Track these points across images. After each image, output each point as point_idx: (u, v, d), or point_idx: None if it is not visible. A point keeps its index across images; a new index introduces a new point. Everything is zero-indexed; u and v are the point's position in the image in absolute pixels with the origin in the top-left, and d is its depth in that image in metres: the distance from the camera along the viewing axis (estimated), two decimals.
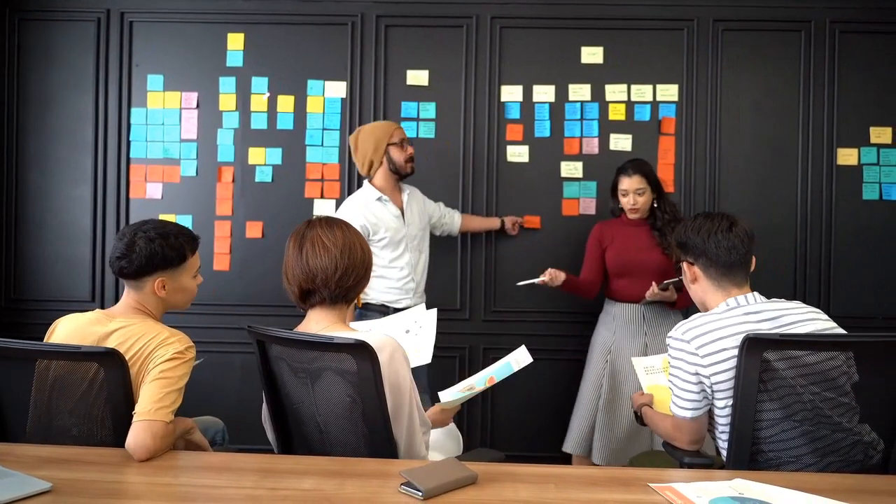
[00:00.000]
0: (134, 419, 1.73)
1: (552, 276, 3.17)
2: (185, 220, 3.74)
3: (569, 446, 3.27)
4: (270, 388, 1.87)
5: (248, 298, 3.75)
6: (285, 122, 3.76)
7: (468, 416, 3.72)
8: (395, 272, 3.17)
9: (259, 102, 3.76)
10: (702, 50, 3.70)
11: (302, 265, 1.81)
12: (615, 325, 3.22)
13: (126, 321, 1.96)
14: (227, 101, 3.77)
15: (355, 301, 1.91)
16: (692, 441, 1.95)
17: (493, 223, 3.65)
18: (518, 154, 3.72)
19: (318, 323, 1.83)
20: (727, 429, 1.86)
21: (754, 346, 1.76)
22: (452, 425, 2.44)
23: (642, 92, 3.70)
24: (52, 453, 1.70)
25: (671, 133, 3.70)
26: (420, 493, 1.42)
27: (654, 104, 3.69)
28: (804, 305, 1.97)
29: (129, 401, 1.80)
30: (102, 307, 3.27)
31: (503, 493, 1.48)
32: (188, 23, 3.78)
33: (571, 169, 3.70)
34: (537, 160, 3.71)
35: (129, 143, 3.79)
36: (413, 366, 2.36)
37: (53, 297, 3.80)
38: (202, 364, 3.73)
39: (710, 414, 1.94)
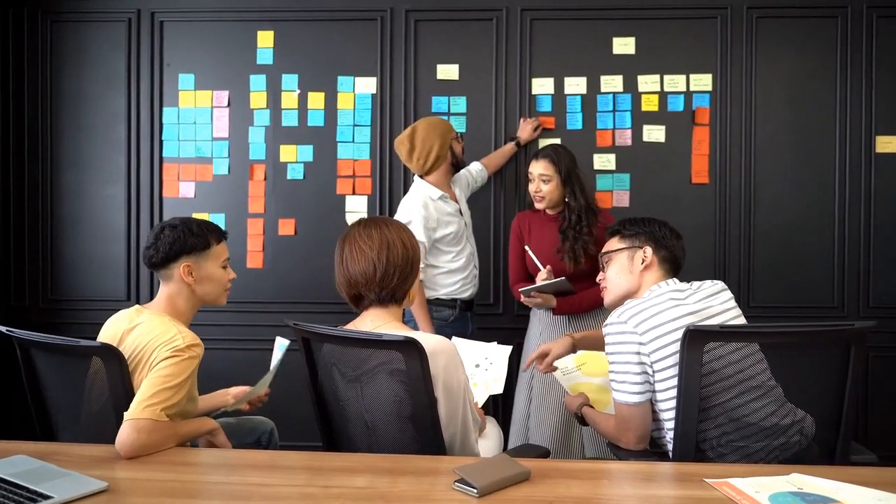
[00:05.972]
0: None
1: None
2: (218, 219, 3.75)
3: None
4: (316, 386, 1.87)
5: (282, 295, 3.75)
6: (316, 119, 3.76)
7: (503, 414, 3.70)
8: (461, 263, 3.15)
9: (290, 100, 3.77)
10: (735, 38, 3.64)
11: (344, 272, 1.81)
12: (541, 325, 3.06)
13: (149, 317, 1.99)
14: (258, 98, 3.77)
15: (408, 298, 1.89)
16: (639, 437, 1.92)
17: (509, 150, 3.61)
18: None
19: (374, 321, 1.81)
20: (671, 423, 1.84)
21: (696, 338, 1.75)
22: (494, 422, 2.44)
23: (675, 82, 3.64)
24: (105, 452, 1.70)
25: (705, 123, 3.64)
26: (475, 490, 1.41)
27: (688, 94, 3.64)
28: (713, 286, 2.03)
29: (129, 397, 1.81)
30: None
31: (557, 490, 1.47)
32: (218, 21, 3.79)
33: (604, 161, 3.66)
34: None
35: (161, 142, 3.82)
36: (481, 398, 2.37)
37: (89, 296, 3.83)
38: (237, 361, 3.77)
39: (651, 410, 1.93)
